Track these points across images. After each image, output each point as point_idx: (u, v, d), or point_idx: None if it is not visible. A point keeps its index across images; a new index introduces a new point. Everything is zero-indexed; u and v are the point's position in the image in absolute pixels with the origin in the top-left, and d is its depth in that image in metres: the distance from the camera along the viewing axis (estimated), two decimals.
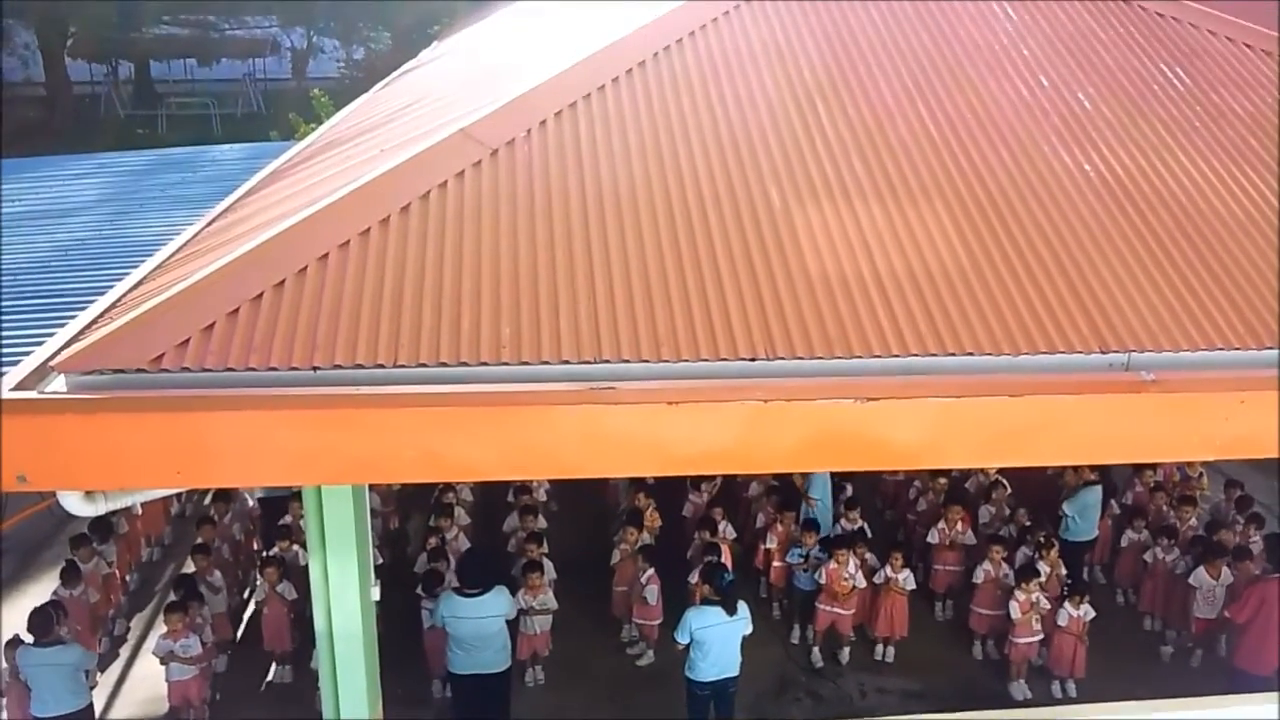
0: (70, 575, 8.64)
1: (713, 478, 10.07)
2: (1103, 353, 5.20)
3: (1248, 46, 7.75)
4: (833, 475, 10.14)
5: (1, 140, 19.68)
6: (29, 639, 7.68)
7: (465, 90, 8.22)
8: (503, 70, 8.48)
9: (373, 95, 12.25)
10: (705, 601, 7.95)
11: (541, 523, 9.71)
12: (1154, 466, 10.63)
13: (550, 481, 10.42)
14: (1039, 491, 10.54)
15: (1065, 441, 5.12)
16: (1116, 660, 9.23)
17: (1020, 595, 8.66)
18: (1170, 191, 6.28)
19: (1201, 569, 8.97)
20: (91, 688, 8.09)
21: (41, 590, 9.34)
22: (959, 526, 9.68)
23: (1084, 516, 9.78)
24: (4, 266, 9.18)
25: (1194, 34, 7.84)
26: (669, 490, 10.17)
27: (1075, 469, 9.93)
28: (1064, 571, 9.26)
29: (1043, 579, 8.82)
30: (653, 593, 8.85)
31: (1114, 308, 5.42)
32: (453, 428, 4.64)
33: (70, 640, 7.82)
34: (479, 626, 7.81)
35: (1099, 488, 9.82)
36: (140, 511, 10.28)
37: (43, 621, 7.67)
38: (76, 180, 12.07)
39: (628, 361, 4.84)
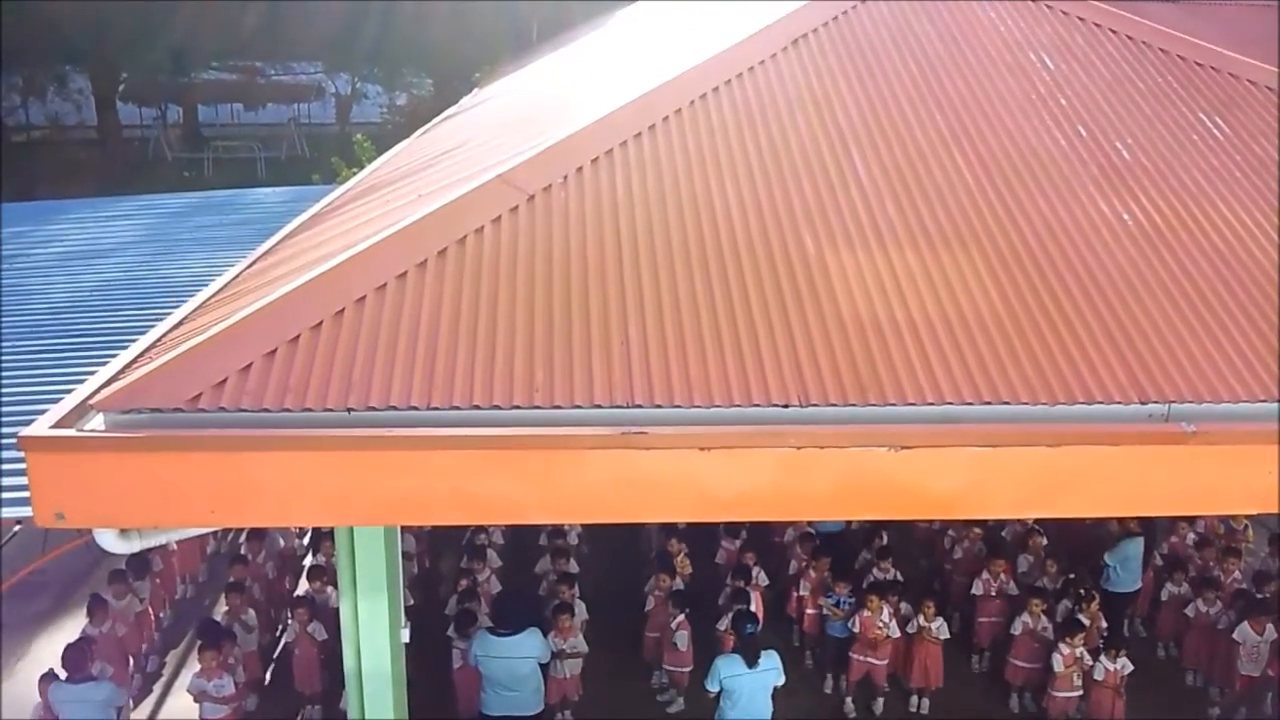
0: (96, 612, 8.70)
1: (743, 524, 10.00)
2: (1142, 403, 5.13)
3: None
4: (867, 523, 10.05)
5: (52, 180, 20.09)
6: (63, 674, 7.72)
7: (504, 136, 8.32)
8: (541, 117, 8.59)
9: (414, 140, 12.44)
10: (735, 649, 7.87)
11: (573, 566, 9.68)
12: (1193, 519, 10.44)
13: (583, 525, 10.39)
14: (1077, 541, 10.38)
15: (1105, 493, 5.05)
16: (1157, 715, 9.02)
17: (1064, 649, 8.51)
18: (1210, 241, 6.21)
19: (1246, 624, 8.78)
20: None
21: (78, 626, 9.40)
22: (1002, 577, 9.54)
23: (1126, 568, 9.64)
24: (50, 305, 9.36)
25: (1233, 84, 7.79)
26: (702, 536, 10.11)
27: (1119, 520, 9.77)
28: (1104, 624, 9.09)
29: (1084, 633, 8.66)
30: (683, 639, 8.77)
31: (1153, 358, 5.34)
32: (485, 470, 4.65)
33: (103, 677, 7.86)
34: (512, 667, 7.78)
35: (1141, 539, 9.67)
36: (175, 549, 10.36)
37: (75, 657, 7.72)
38: (121, 220, 12.32)
39: (660, 406, 4.83)
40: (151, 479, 4.51)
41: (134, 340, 6.02)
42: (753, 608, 8.64)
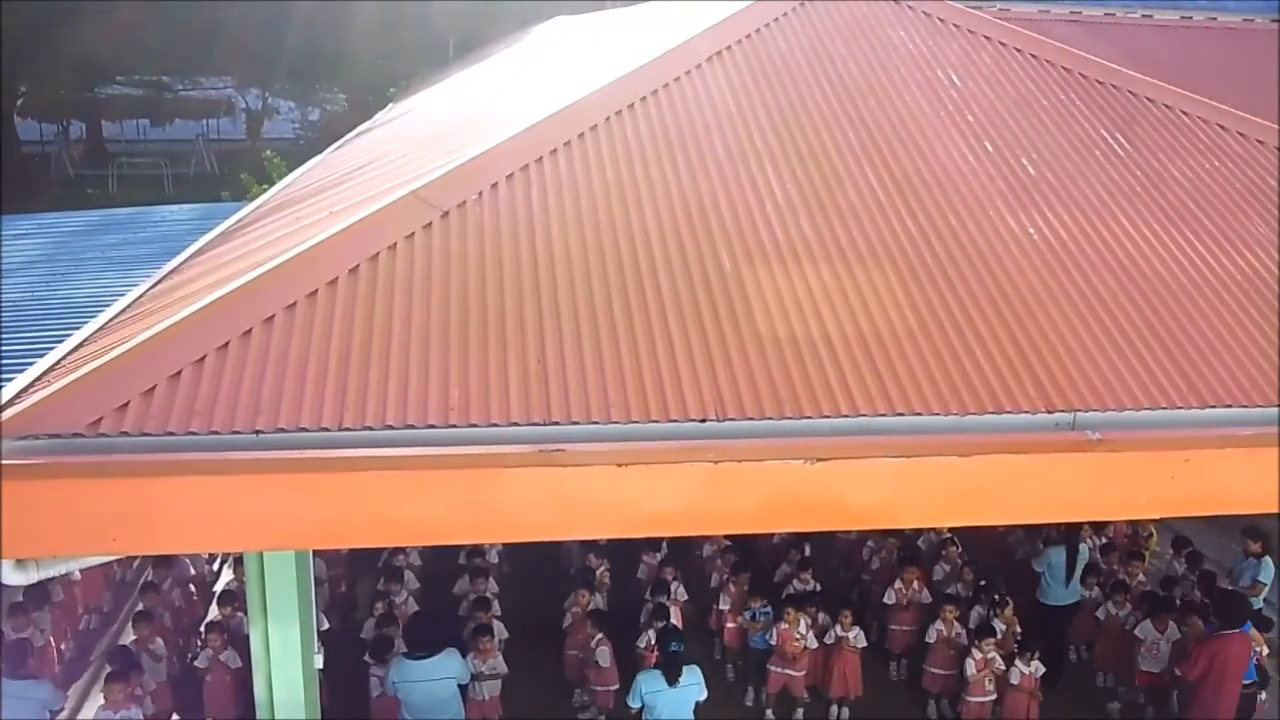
0: None
1: (662, 539, 10.00)
2: (1049, 412, 5.25)
3: (1184, 114, 7.97)
4: (789, 535, 10.10)
5: None
6: None
7: (418, 152, 8.25)
8: (456, 132, 8.52)
9: (327, 156, 12.26)
10: (657, 665, 7.85)
11: (493, 586, 9.57)
12: (1099, 525, 10.70)
13: (503, 543, 10.28)
14: (990, 549, 10.58)
15: (1014, 501, 5.16)
16: (1072, 716, 9.22)
17: (977, 654, 8.65)
18: (1113, 254, 6.40)
19: (1148, 622, 9.04)
20: None
21: None
22: (915, 585, 9.67)
23: (1054, 576, 9.63)
24: None
25: (1132, 100, 8.05)
26: (624, 552, 10.09)
27: (1041, 529, 9.91)
28: (1018, 630, 9.25)
29: (998, 638, 8.81)
30: (604, 655, 8.72)
31: (1059, 368, 5.48)
32: (400, 491, 4.58)
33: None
34: (431, 690, 7.64)
35: (1063, 547, 9.72)
36: (79, 578, 10.00)
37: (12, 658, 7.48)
38: (20, 239, 11.92)
39: (577, 423, 4.81)
40: (50, 507, 4.35)
41: (32, 363, 5.81)
42: (673, 623, 8.63)
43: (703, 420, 4.92)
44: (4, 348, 8.44)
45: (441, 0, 27.72)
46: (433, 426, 4.70)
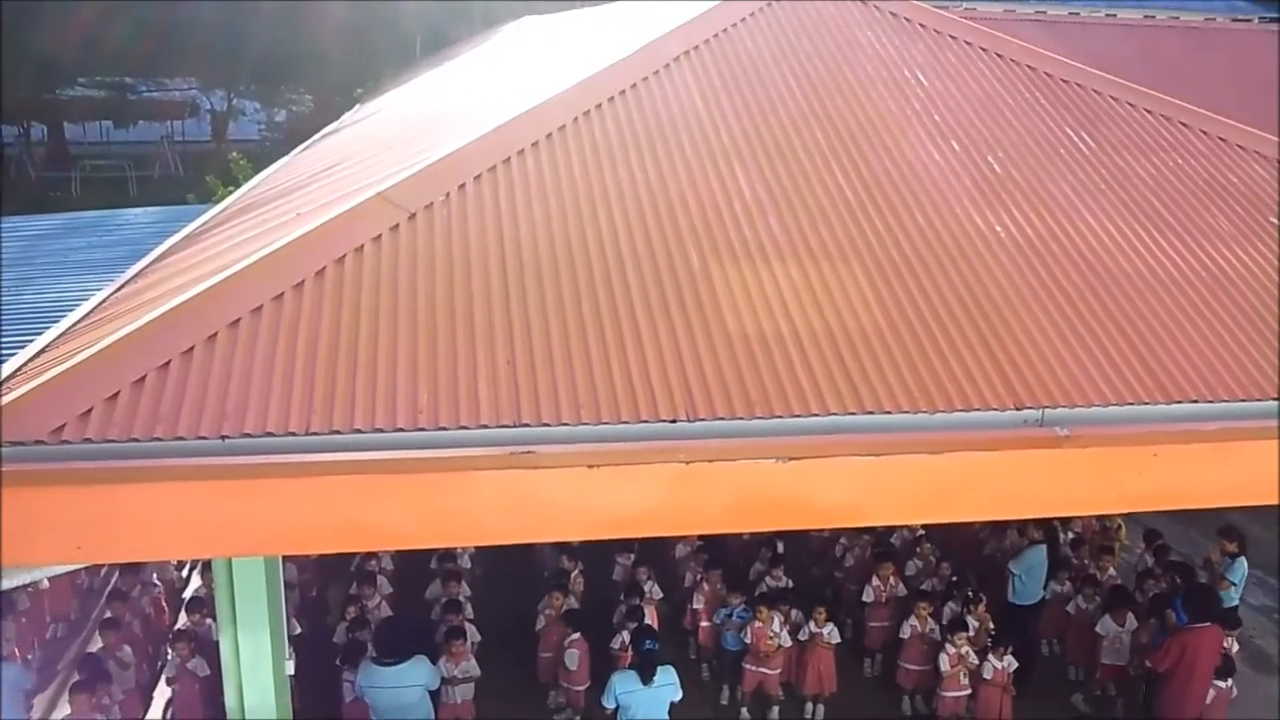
0: None
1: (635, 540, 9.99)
2: (1017, 409, 5.28)
3: (1148, 111, 8.04)
4: (762, 533, 10.12)
5: None
6: None
7: (385, 153, 8.19)
8: (423, 133, 8.47)
9: (293, 158, 12.16)
10: (632, 666, 7.84)
11: (466, 589, 9.52)
12: (1068, 520, 10.79)
13: (475, 546, 10.24)
14: (963, 546, 10.64)
15: (984, 498, 5.20)
16: (1043, 711, 9.29)
17: (950, 649, 8.69)
18: (1078, 251, 6.44)
19: (1108, 616, 9.13)
20: None
21: None
22: (891, 581, 9.71)
23: (1031, 576, 9.68)
24: None
25: (1096, 99, 8.12)
26: (598, 553, 10.07)
27: (1020, 528, 9.95)
28: (991, 625, 9.32)
29: (971, 633, 8.87)
30: (573, 658, 8.70)
31: (1027, 365, 5.51)
32: (369, 496, 4.54)
33: None
34: (398, 696, 7.61)
35: (1044, 547, 9.78)
36: (47, 586, 9.87)
37: None
38: None
39: (548, 425, 4.78)
40: (11, 515, 4.27)
41: None
42: (647, 622, 8.62)
43: (674, 420, 4.90)
44: None
45: (408, 0, 27.56)
46: (402, 430, 4.66)
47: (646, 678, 7.61)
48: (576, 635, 8.72)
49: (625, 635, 8.59)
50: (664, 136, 6.96)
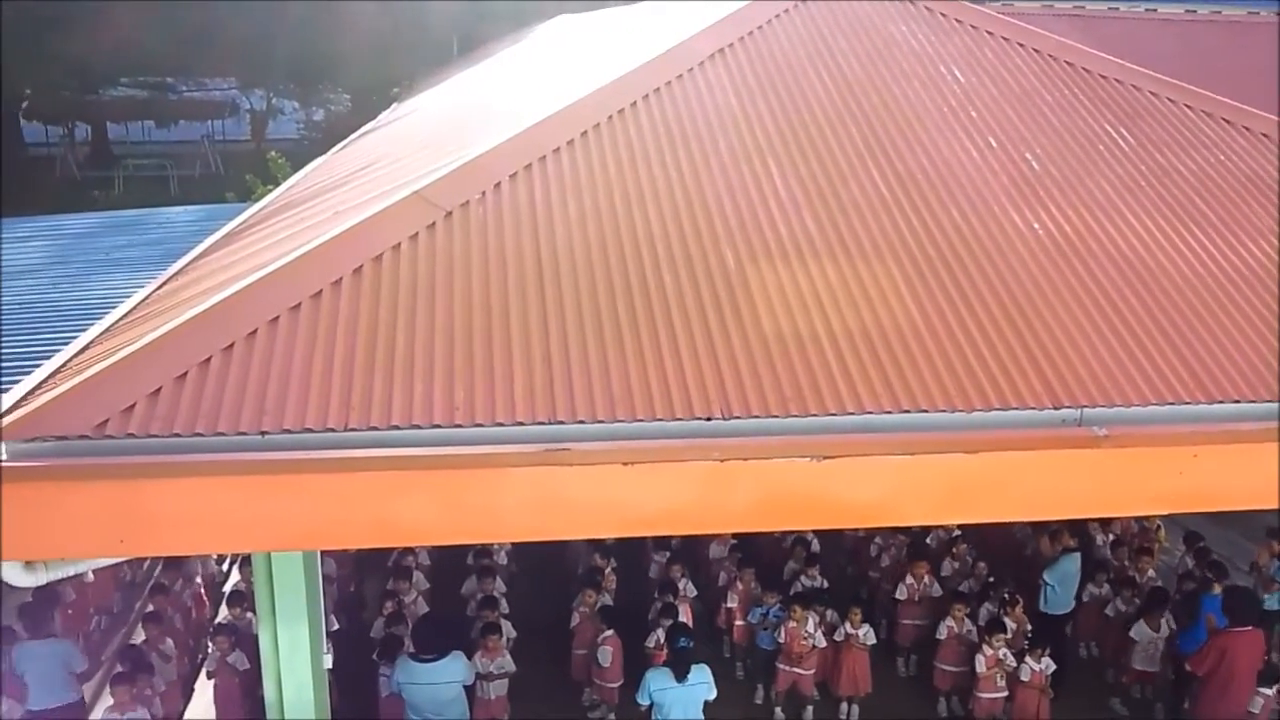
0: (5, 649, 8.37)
1: (672, 538, 9.99)
2: (1055, 408, 5.24)
3: (1188, 107, 7.95)
4: (795, 532, 10.10)
5: None
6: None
7: (422, 152, 8.24)
8: (460, 132, 8.52)
9: (330, 157, 12.26)
10: (666, 663, 7.84)
11: (501, 585, 9.57)
12: (1107, 521, 10.67)
13: (511, 543, 10.29)
14: (1000, 547, 10.55)
15: (1021, 498, 5.15)
16: (1080, 714, 9.21)
17: (987, 650, 8.63)
18: (1118, 249, 6.38)
19: (1142, 621, 9.02)
20: None
21: None
22: (925, 580, 9.66)
23: (1065, 585, 9.53)
24: None
25: (1136, 95, 8.03)
26: (633, 550, 10.08)
27: (1055, 536, 9.84)
28: (1029, 626, 9.24)
29: (1008, 635, 8.79)
30: (605, 655, 8.71)
31: (1065, 364, 5.46)
32: (405, 492, 4.58)
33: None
34: (434, 692, 7.66)
35: (1078, 556, 9.62)
36: (91, 579, 10.02)
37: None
38: (26, 241, 11.91)
39: (583, 422, 4.81)
40: (57, 509, 4.36)
41: (39, 366, 5.82)
42: (682, 620, 8.62)
43: (708, 418, 4.91)
44: (10, 350, 8.44)
45: (444, 0, 27.71)
46: (438, 426, 4.70)
47: (681, 675, 7.61)
48: (609, 632, 8.73)
49: (660, 633, 8.59)
50: (698, 135, 6.96)
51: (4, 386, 5.79)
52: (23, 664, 7.89)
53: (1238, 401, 5.41)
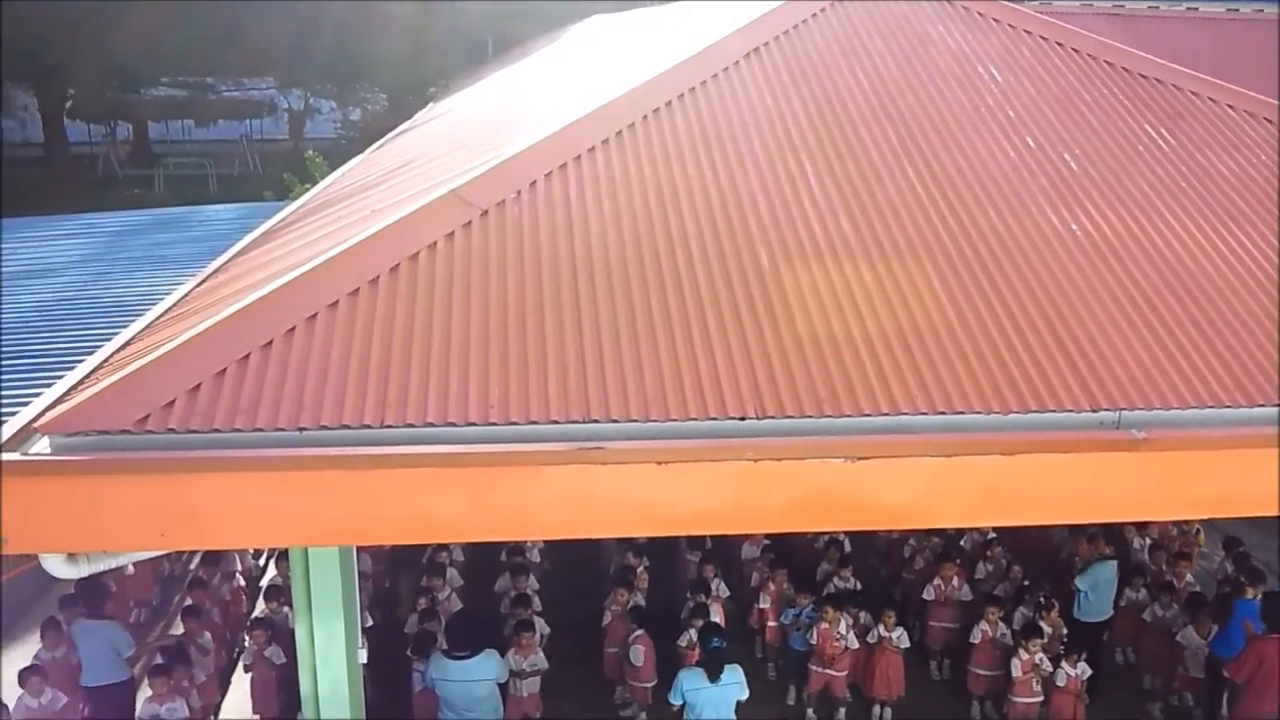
0: (49, 635, 8.50)
1: (705, 537, 9.98)
2: (1093, 411, 5.19)
3: (1230, 107, 7.84)
4: (828, 533, 10.06)
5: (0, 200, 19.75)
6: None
7: (457, 151, 8.29)
8: (495, 131, 8.56)
9: (367, 156, 12.36)
10: (699, 663, 7.84)
11: (534, 583, 9.61)
12: (1144, 525, 10.55)
13: (544, 541, 10.33)
14: (1035, 550, 10.46)
15: (1057, 500, 5.10)
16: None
17: (1023, 655, 8.55)
18: (1157, 250, 6.31)
19: (1190, 628, 8.91)
20: None
21: (26, 651, 9.18)
22: (954, 582, 9.60)
23: (1098, 593, 9.39)
24: None
25: (1176, 95, 7.94)
26: (666, 550, 10.08)
27: (1090, 542, 9.72)
28: (1064, 631, 9.15)
29: (1044, 639, 8.72)
30: (637, 654, 8.71)
31: (1104, 365, 5.41)
32: (440, 489, 4.62)
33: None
34: (468, 690, 7.70)
35: (1114, 562, 9.47)
36: (131, 572, 10.15)
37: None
38: (69, 238, 12.11)
39: (617, 421, 4.82)
40: (98, 503, 4.43)
41: (81, 361, 5.92)
42: (714, 620, 8.62)
43: (742, 418, 4.91)
44: (54, 346, 8.58)
45: (480, 0, 27.86)
46: (473, 424, 4.73)
47: (713, 675, 7.61)
48: (640, 631, 8.74)
49: (692, 633, 8.59)
50: (732, 135, 6.96)
51: (48, 382, 5.89)
52: (81, 640, 8.25)
53: (1278, 405, 5.33)
